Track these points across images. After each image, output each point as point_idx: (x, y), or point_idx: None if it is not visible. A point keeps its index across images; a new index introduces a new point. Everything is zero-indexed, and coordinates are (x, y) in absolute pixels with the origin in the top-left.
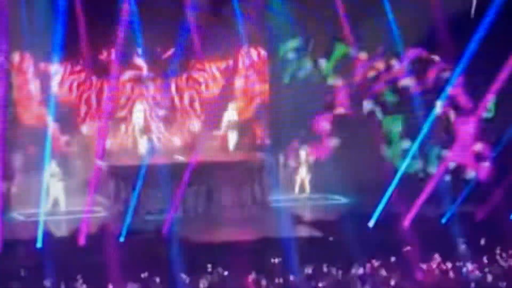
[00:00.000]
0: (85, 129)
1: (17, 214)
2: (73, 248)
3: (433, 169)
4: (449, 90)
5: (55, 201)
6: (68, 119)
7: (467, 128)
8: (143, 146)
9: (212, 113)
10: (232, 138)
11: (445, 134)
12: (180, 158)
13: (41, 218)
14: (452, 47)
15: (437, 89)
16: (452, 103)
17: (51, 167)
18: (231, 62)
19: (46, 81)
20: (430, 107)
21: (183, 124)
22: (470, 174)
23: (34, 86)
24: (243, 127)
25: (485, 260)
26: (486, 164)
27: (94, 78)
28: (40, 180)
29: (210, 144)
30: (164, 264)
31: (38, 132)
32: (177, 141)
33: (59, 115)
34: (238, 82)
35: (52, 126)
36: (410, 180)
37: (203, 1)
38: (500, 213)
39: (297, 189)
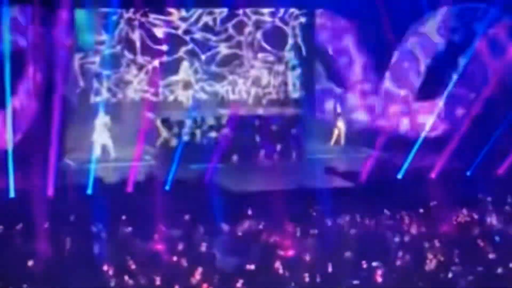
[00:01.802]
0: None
1: (69, 160)
2: (122, 194)
3: None
4: None
5: (104, 148)
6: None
7: None
8: (189, 99)
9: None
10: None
11: None
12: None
13: (91, 165)
14: None
15: None
16: None
17: (101, 116)
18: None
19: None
20: None
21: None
22: None
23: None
24: (279, 82)
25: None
26: None
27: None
28: (92, 128)
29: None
30: (206, 212)
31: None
32: (219, 95)
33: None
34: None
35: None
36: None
37: None
38: None
39: (332, 141)
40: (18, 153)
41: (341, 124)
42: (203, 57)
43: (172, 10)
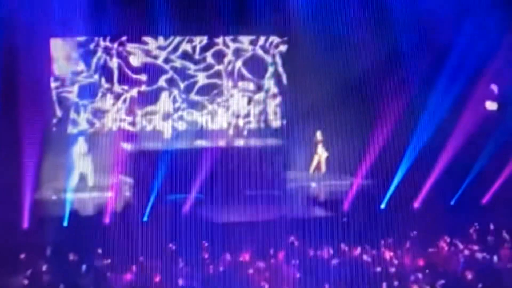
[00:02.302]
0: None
1: (46, 190)
2: (98, 226)
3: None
4: None
5: (82, 176)
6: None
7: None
8: (167, 131)
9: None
10: (249, 124)
11: None
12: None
13: (68, 196)
14: None
15: None
16: None
17: (80, 143)
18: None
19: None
20: None
21: (204, 110)
22: None
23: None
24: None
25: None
26: None
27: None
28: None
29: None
30: (185, 243)
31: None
32: (199, 126)
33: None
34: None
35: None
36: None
37: None
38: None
39: (312, 168)
40: None
41: (321, 151)
42: (182, 85)
43: (149, 38)
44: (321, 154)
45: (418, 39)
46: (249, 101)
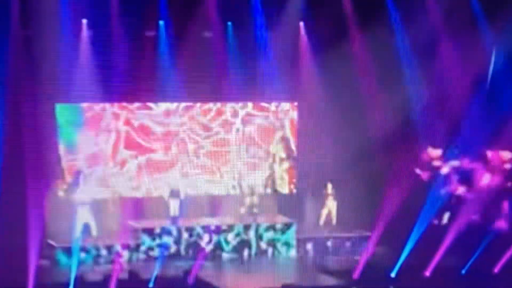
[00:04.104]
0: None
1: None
2: None
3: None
4: None
5: (86, 227)
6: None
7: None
8: (175, 208)
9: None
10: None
11: None
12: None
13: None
14: None
15: None
16: None
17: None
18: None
19: None
20: None
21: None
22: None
23: None
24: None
25: None
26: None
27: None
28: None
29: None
30: None
31: None
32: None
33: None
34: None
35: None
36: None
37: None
38: None
39: (321, 221)
40: None
41: (331, 204)
42: (190, 151)
43: (157, 104)
44: (331, 207)
45: (429, 102)
46: (257, 166)
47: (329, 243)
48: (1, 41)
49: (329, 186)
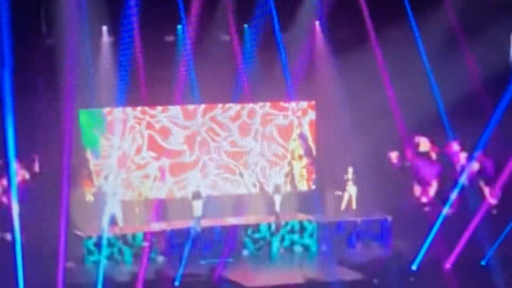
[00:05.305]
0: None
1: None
2: None
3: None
4: None
5: (113, 217)
6: None
7: None
8: (198, 208)
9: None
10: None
11: None
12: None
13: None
14: None
15: None
16: None
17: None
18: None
19: None
20: None
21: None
22: None
23: None
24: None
25: None
26: None
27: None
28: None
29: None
30: None
31: None
32: (228, 201)
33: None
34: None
35: None
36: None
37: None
38: None
39: (343, 206)
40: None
41: (352, 190)
42: (212, 152)
43: (177, 107)
44: (352, 192)
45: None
46: (277, 165)
47: (353, 238)
48: (26, 51)
49: (350, 170)
